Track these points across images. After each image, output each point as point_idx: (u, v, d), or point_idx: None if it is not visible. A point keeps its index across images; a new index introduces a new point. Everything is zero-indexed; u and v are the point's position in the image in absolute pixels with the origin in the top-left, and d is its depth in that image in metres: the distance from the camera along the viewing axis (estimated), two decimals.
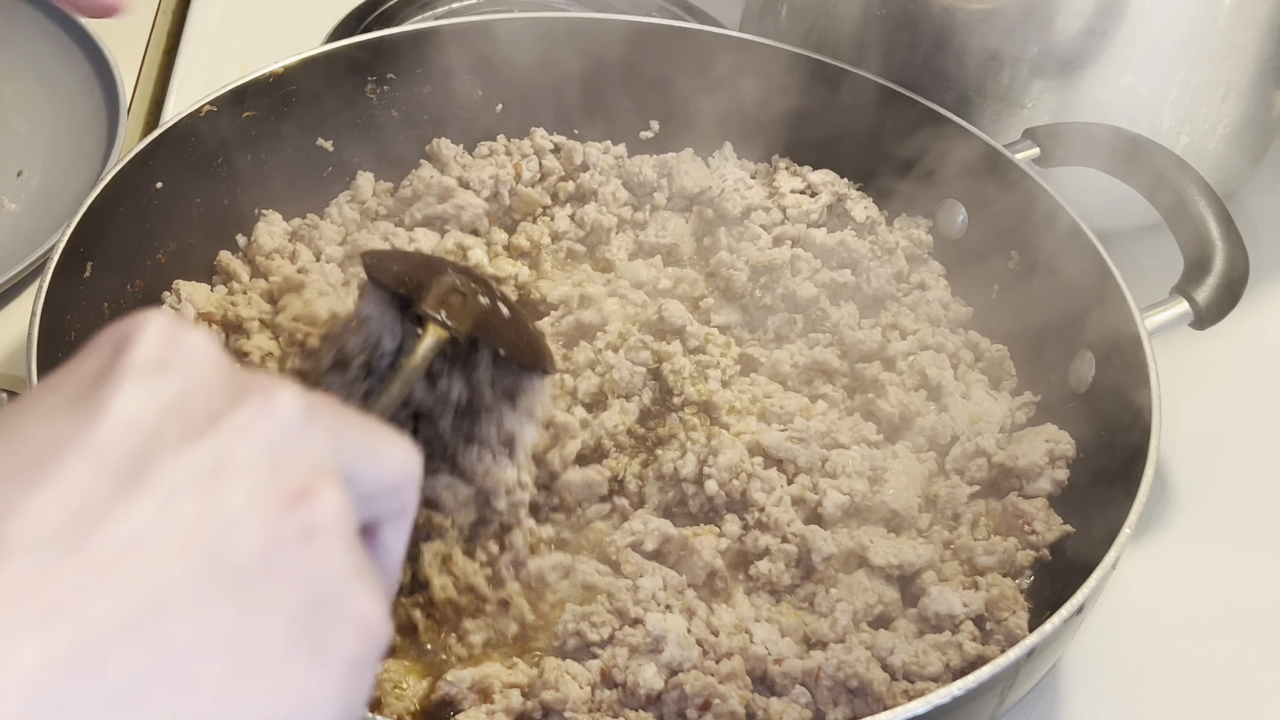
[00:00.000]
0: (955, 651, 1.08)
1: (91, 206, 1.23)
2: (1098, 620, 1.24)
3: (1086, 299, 1.27)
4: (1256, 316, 1.48)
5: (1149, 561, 1.30)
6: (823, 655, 1.07)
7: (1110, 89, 1.46)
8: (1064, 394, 1.29)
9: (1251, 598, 1.29)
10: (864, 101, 1.44)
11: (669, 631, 1.06)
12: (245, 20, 1.82)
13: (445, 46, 1.48)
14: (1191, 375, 1.45)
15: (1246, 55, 1.47)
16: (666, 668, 1.05)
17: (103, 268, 1.25)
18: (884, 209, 1.46)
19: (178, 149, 1.33)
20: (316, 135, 1.46)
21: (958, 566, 1.17)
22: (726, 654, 1.07)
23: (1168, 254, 1.31)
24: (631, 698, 1.04)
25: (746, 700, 1.04)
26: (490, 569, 1.13)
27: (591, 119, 1.54)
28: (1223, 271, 1.26)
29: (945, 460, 1.26)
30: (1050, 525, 1.19)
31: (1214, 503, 1.36)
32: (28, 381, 1.10)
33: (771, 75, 1.47)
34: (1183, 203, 1.31)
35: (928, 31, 1.46)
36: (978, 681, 0.96)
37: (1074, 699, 1.20)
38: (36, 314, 1.14)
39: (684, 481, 1.19)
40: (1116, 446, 1.19)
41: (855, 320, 1.36)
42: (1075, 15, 1.41)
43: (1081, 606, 1.01)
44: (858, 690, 1.06)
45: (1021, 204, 1.35)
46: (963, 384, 1.33)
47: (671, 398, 1.24)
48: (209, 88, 1.36)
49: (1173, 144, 1.47)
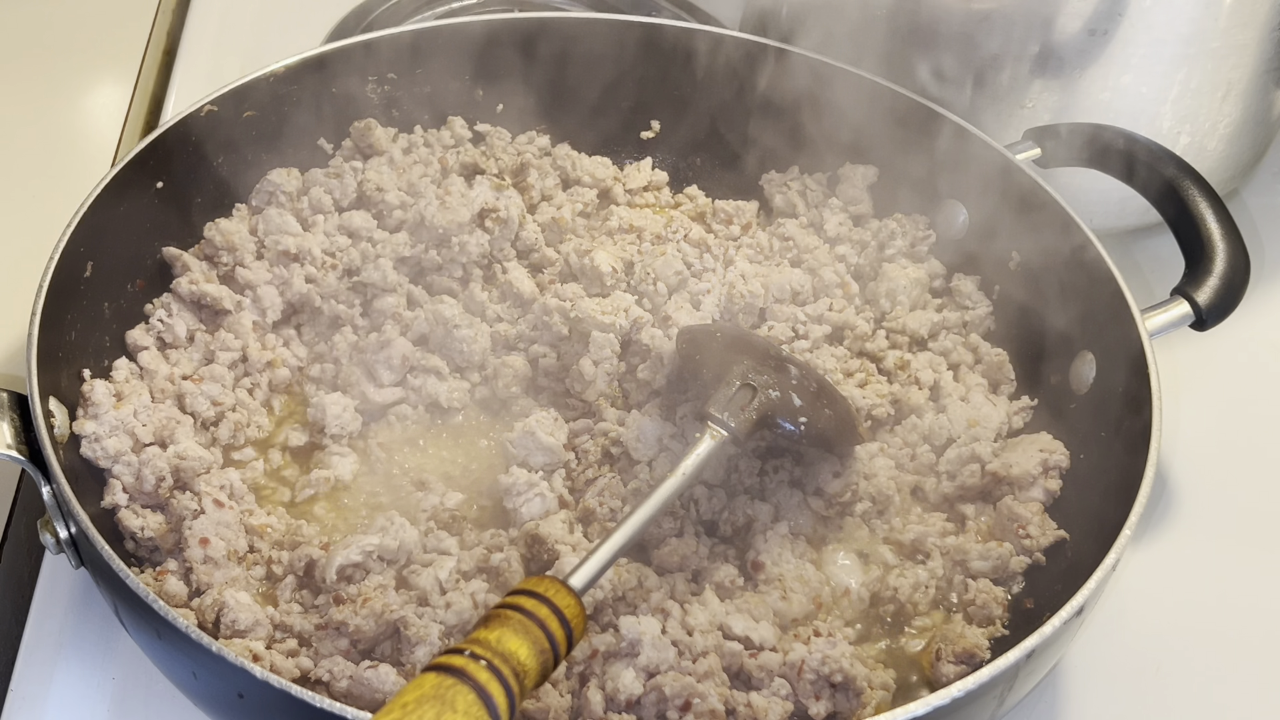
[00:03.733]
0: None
1: (91, 206, 1.23)
2: (1098, 621, 1.24)
3: (1087, 300, 1.27)
4: (1257, 317, 1.48)
5: (1149, 562, 1.30)
6: (805, 649, 1.07)
7: (1110, 89, 1.46)
8: (1065, 394, 1.29)
9: (1251, 598, 1.29)
10: (863, 102, 1.43)
11: (644, 634, 1.06)
12: (245, 20, 1.82)
13: (445, 46, 1.48)
14: (1192, 375, 1.45)
15: (1247, 55, 1.47)
16: (644, 671, 1.05)
17: (103, 268, 1.25)
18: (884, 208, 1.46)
19: (178, 149, 1.33)
20: (317, 135, 1.46)
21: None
22: (702, 653, 1.07)
23: (1168, 254, 1.31)
24: (612, 703, 1.04)
25: (725, 697, 1.04)
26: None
27: (592, 119, 1.54)
28: (1223, 273, 1.26)
29: (939, 462, 1.27)
30: (1045, 530, 1.19)
31: (1214, 503, 1.36)
32: (28, 381, 1.10)
33: (771, 76, 1.47)
34: (1183, 203, 1.30)
35: (928, 32, 1.46)
36: (977, 683, 0.96)
37: (1074, 699, 1.20)
38: (36, 314, 1.14)
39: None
40: (1117, 447, 1.19)
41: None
42: (1075, 15, 1.41)
43: (1082, 608, 1.01)
44: (840, 685, 1.06)
45: (1022, 204, 1.35)
46: (962, 386, 1.33)
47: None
48: (209, 88, 1.36)
49: (1173, 144, 1.47)
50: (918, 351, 1.37)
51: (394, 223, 1.42)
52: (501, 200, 1.40)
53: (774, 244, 1.46)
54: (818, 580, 1.17)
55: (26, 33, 1.77)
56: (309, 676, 1.06)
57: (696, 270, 1.40)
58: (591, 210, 1.49)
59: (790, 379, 1.17)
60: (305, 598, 1.13)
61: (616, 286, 1.37)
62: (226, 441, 1.26)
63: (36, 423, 1.07)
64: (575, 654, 1.06)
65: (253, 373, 1.31)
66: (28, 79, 1.72)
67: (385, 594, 1.10)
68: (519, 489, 1.20)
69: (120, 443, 1.17)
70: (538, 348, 1.33)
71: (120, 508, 1.16)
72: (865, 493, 1.23)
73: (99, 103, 1.72)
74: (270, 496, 1.23)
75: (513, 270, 1.39)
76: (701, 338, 1.26)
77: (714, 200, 1.53)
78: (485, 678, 0.85)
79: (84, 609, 1.20)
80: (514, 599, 0.92)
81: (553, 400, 1.32)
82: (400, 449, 1.28)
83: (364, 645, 1.08)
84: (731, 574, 1.16)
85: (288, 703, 0.92)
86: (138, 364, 1.27)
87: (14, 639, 1.19)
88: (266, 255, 1.36)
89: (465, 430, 1.30)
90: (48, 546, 1.09)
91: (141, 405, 1.21)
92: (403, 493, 1.23)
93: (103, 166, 1.57)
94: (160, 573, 1.13)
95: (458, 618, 1.09)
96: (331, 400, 1.28)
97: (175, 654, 1.00)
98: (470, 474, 1.26)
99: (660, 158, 1.56)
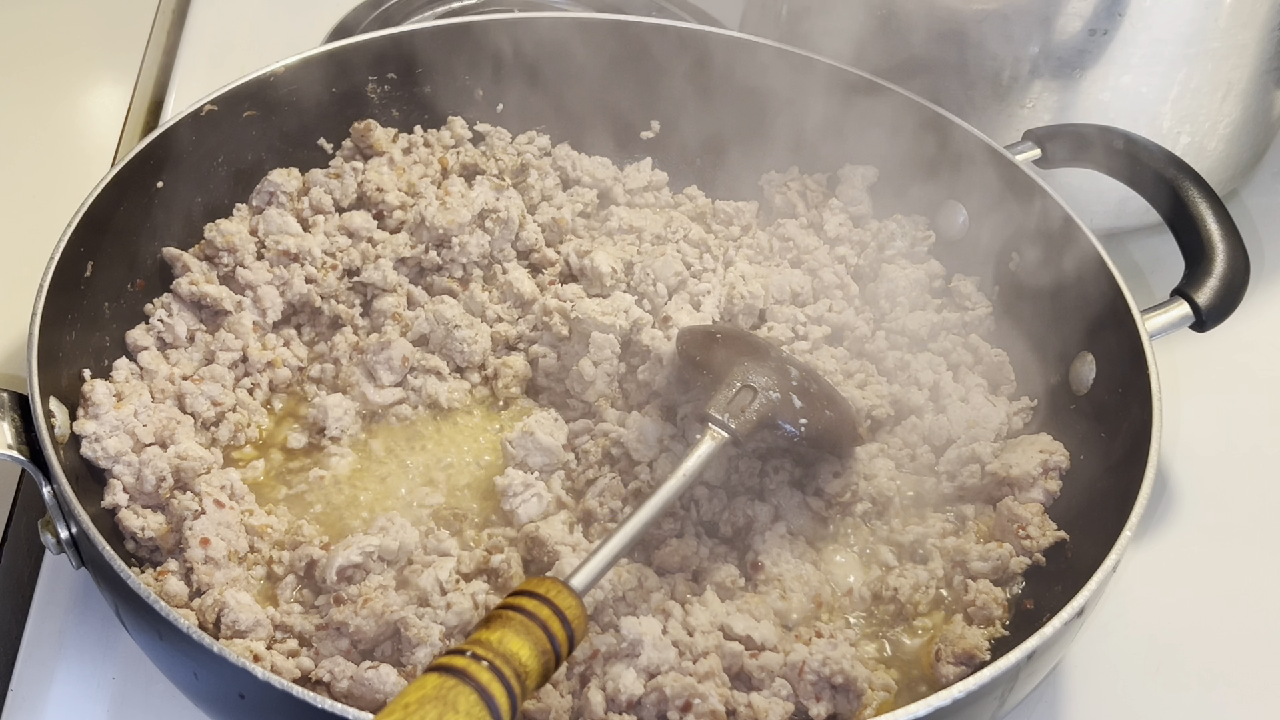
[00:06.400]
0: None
1: (91, 206, 1.23)
2: (1099, 621, 1.24)
3: (1087, 300, 1.27)
4: (1257, 317, 1.48)
5: (1149, 562, 1.30)
6: (806, 650, 1.07)
7: (1110, 89, 1.46)
8: (1065, 395, 1.29)
9: (1252, 598, 1.29)
10: (863, 102, 1.43)
11: (645, 635, 1.06)
12: (245, 20, 1.82)
13: (445, 46, 1.48)
14: (1192, 376, 1.45)
15: (1247, 55, 1.47)
16: (645, 671, 1.05)
17: (103, 268, 1.25)
18: (884, 209, 1.46)
19: (178, 149, 1.33)
20: (317, 135, 1.46)
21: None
22: (703, 653, 1.07)
23: (1168, 254, 1.31)
24: (612, 704, 1.04)
25: (726, 698, 1.05)
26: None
27: (592, 118, 1.54)
28: (1223, 275, 1.26)
29: (939, 463, 1.27)
30: (1045, 530, 1.19)
31: (1214, 504, 1.36)
32: (28, 381, 1.10)
33: (771, 76, 1.47)
34: (1183, 203, 1.31)
35: (928, 32, 1.46)
36: (978, 684, 0.96)
37: (1075, 699, 1.20)
38: (37, 314, 1.14)
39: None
40: (1117, 448, 1.19)
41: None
42: (1075, 15, 1.41)
43: (1082, 609, 1.01)
44: (841, 686, 1.06)
45: (1022, 205, 1.35)
46: (962, 386, 1.33)
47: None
48: (209, 88, 1.36)
49: (1173, 144, 1.47)
50: (917, 352, 1.37)
51: (394, 223, 1.42)
52: (501, 201, 1.40)
53: (774, 245, 1.46)
54: (818, 580, 1.17)
55: (26, 33, 1.77)
56: (309, 677, 1.06)
57: (696, 271, 1.40)
58: (591, 210, 1.50)
59: (790, 380, 1.17)
60: (306, 598, 1.13)
61: (616, 287, 1.37)
62: (226, 441, 1.26)
63: (37, 423, 1.07)
64: (576, 654, 1.06)
65: (253, 373, 1.31)
66: (28, 79, 1.72)
67: (385, 594, 1.10)
68: (515, 490, 1.20)
69: (121, 443, 1.17)
70: (538, 348, 1.33)
71: (121, 508, 1.16)
72: (865, 493, 1.23)
73: (99, 103, 1.72)
74: (270, 497, 1.23)
75: (513, 271, 1.39)
76: (702, 339, 1.26)
77: (714, 201, 1.53)
78: (487, 679, 0.85)
79: (84, 609, 1.20)
80: (515, 600, 0.92)
81: (553, 401, 1.32)
82: (400, 449, 1.28)
83: (364, 646, 1.08)
84: (732, 574, 1.16)
85: (289, 703, 0.92)
86: (138, 364, 1.27)
87: (14, 639, 1.19)
88: (267, 255, 1.36)
89: (465, 431, 1.30)
90: (48, 546, 1.09)
91: (142, 405, 1.21)
92: (403, 493, 1.23)
93: (103, 166, 1.57)
94: (161, 573, 1.13)
95: (458, 618, 1.09)
96: (332, 400, 1.28)
97: (176, 654, 1.00)
98: (470, 474, 1.26)
99: (660, 158, 1.56)
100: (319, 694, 0.93)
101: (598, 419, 1.28)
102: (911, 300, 1.40)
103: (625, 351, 1.31)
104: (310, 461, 1.26)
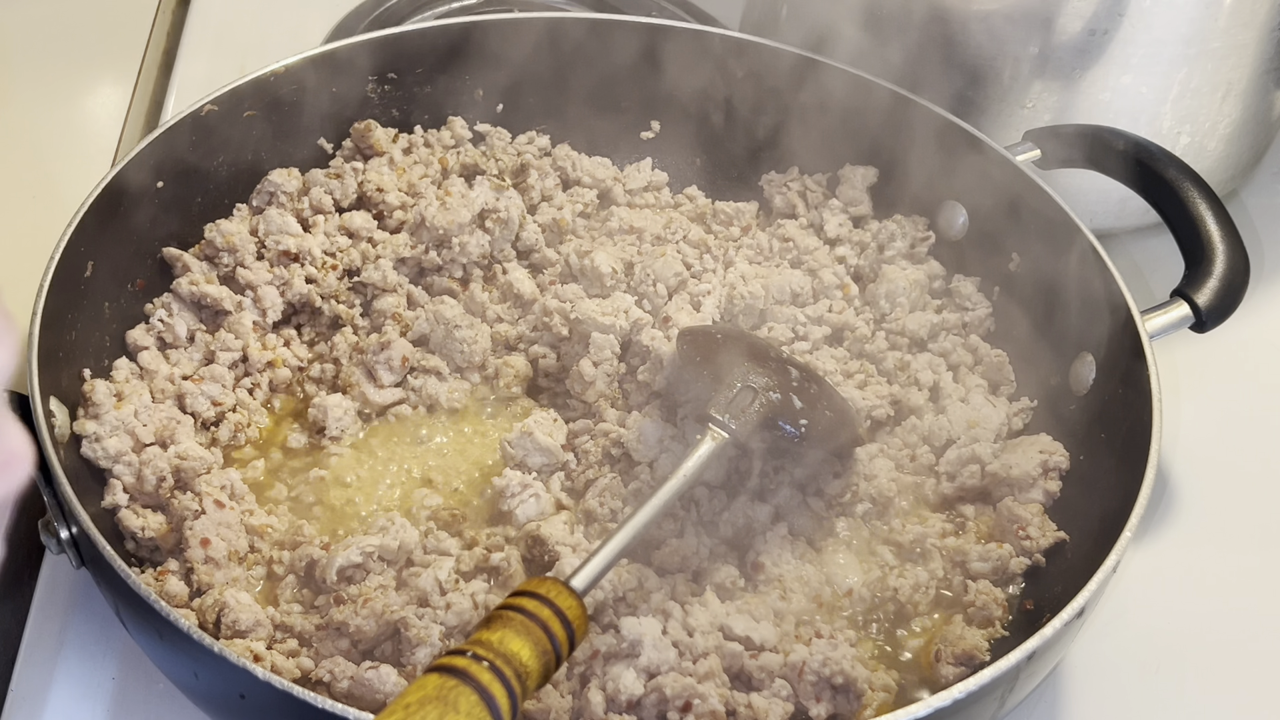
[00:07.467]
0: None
1: (91, 206, 1.23)
2: (1099, 621, 1.24)
3: (1087, 301, 1.27)
4: (1257, 317, 1.48)
5: (1149, 563, 1.30)
6: (806, 650, 1.07)
7: (1110, 89, 1.46)
8: (1065, 396, 1.29)
9: (1252, 598, 1.29)
10: (863, 103, 1.43)
11: (645, 635, 1.06)
12: (245, 20, 1.82)
13: (445, 46, 1.48)
14: (1192, 376, 1.45)
15: (1246, 55, 1.47)
16: (645, 672, 1.05)
17: (103, 268, 1.25)
18: (884, 209, 1.46)
19: (178, 149, 1.33)
20: (317, 135, 1.46)
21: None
22: (703, 653, 1.07)
23: (1168, 255, 1.31)
24: (612, 704, 1.04)
25: (726, 698, 1.05)
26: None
27: (592, 119, 1.54)
28: (1223, 275, 1.26)
29: (939, 463, 1.27)
30: (1045, 531, 1.19)
31: (1214, 504, 1.36)
32: (29, 381, 1.10)
33: (771, 76, 1.47)
34: (1182, 204, 1.30)
35: (927, 32, 1.46)
36: (978, 685, 0.96)
37: (1075, 700, 1.20)
38: (37, 314, 1.14)
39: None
40: (1116, 449, 1.19)
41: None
42: (1075, 15, 1.41)
43: (1082, 609, 1.01)
44: (841, 686, 1.06)
45: (1022, 205, 1.35)
46: (962, 387, 1.33)
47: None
48: (209, 88, 1.36)
49: (1173, 144, 1.47)
50: (917, 353, 1.37)
51: (394, 223, 1.42)
52: (502, 201, 1.40)
53: (774, 245, 1.46)
54: (818, 581, 1.17)
55: (26, 33, 1.77)
56: (310, 677, 1.06)
57: (696, 271, 1.40)
58: (591, 211, 1.50)
59: (790, 380, 1.17)
60: (306, 598, 1.13)
61: (616, 287, 1.37)
62: (226, 441, 1.26)
63: (37, 423, 1.07)
64: (576, 654, 1.06)
65: (253, 373, 1.31)
66: (28, 79, 1.72)
67: (386, 594, 1.10)
68: (513, 490, 1.20)
69: (121, 443, 1.17)
70: (538, 348, 1.33)
71: (121, 508, 1.16)
72: (865, 494, 1.23)
73: (99, 103, 1.72)
74: (271, 497, 1.23)
75: (513, 271, 1.39)
76: (702, 339, 1.26)
77: (714, 201, 1.53)
78: (488, 679, 0.85)
79: (84, 609, 1.20)
80: (516, 600, 0.92)
81: (553, 401, 1.32)
82: (400, 449, 1.28)
83: (365, 646, 1.08)
84: (732, 575, 1.16)
85: (289, 703, 0.92)
86: (138, 364, 1.27)
87: (14, 639, 1.19)
88: (267, 255, 1.36)
89: (465, 431, 1.30)
90: (48, 547, 1.09)
91: (142, 405, 1.21)
92: (403, 493, 1.23)
93: (103, 166, 1.57)
94: (161, 573, 1.13)
95: (458, 618, 1.09)
96: (332, 400, 1.28)
97: (177, 654, 1.00)
98: (470, 475, 1.26)
99: (660, 158, 1.56)
100: (319, 694, 0.93)
101: (598, 419, 1.28)
102: (911, 301, 1.40)
103: (625, 352, 1.31)
104: (310, 461, 1.26)
